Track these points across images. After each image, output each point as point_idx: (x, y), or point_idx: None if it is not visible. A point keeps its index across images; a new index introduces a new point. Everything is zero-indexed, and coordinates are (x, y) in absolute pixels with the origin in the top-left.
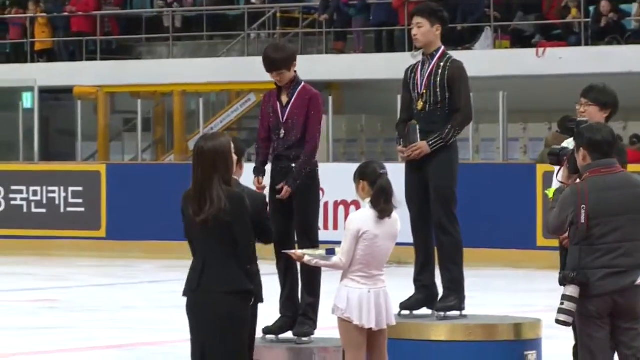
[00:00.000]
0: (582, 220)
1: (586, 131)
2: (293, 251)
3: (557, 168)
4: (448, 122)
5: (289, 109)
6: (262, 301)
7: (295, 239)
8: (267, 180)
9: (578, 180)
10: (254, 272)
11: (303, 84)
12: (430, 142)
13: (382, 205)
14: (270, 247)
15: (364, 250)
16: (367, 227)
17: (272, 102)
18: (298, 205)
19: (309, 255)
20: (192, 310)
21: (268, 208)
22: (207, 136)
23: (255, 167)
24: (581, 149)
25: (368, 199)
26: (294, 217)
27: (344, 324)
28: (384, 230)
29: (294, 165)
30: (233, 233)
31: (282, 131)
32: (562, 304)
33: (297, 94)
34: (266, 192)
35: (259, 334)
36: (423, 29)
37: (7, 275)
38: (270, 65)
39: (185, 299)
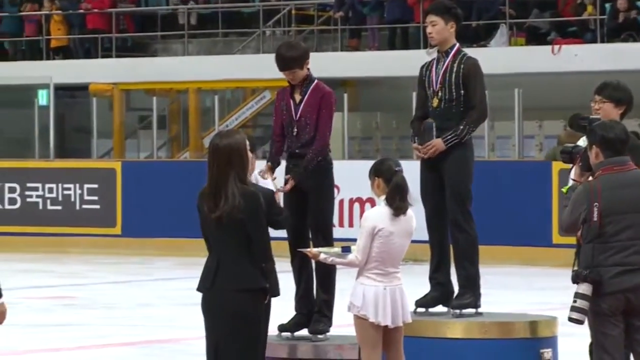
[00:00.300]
0: (595, 218)
1: (599, 129)
2: (308, 249)
3: (571, 166)
4: (463, 119)
5: (302, 107)
6: (278, 294)
7: (310, 236)
8: (281, 179)
9: (591, 178)
10: (270, 271)
11: (316, 81)
12: (445, 139)
13: (398, 202)
14: (285, 245)
15: (380, 248)
16: (383, 225)
17: (286, 99)
18: (313, 202)
19: (324, 254)
20: (207, 308)
21: (280, 202)
22: (222, 133)
23: (268, 158)
24: (594, 146)
25: (383, 196)
26: (309, 215)
27: (360, 321)
28: (400, 228)
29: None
30: (247, 231)
31: (295, 129)
32: (574, 301)
33: (310, 92)
34: (275, 183)
35: (274, 331)
36: (437, 27)
37: (23, 272)
38: (283, 64)
39: (200, 295)
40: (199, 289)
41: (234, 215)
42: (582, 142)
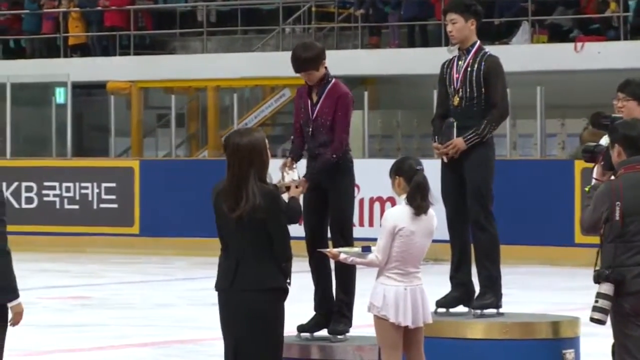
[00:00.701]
0: (617, 217)
1: (621, 127)
2: (328, 249)
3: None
4: (484, 118)
5: (318, 108)
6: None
7: (330, 236)
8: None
9: (613, 177)
10: (289, 269)
11: (334, 81)
12: (466, 139)
13: (419, 201)
14: (303, 245)
15: (400, 247)
16: (404, 224)
17: (304, 98)
18: (332, 201)
19: (344, 254)
20: (226, 308)
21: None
22: (242, 131)
23: (290, 150)
24: (616, 145)
25: (404, 195)
26: (329, 214)
27: (380, 321)
28: (421, 227)
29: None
30: (267, 230)
31: (311, 129)
32: (596, 301)
33: (326, 92)
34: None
35: (293, 331)
36: (458, 25)
37: (40, 272)
38: (298, 65)
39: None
40: (216, 288)
41: (255, 215)
42: (604, 140)
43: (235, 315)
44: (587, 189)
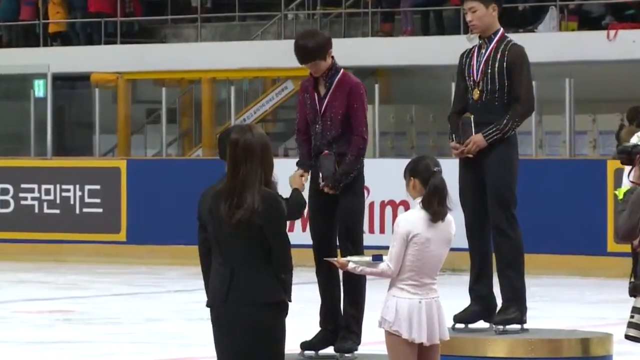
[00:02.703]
0: None
1: None
2: (336, 259)
3: (628, 167)
4: (506, 112)
5: (327, 101)
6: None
7: (337, 244)
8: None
9: None
10: (289, 282)
11: (342, 71)
12: (486, 135)
13: (435, 207)
14: (310, 254)
15: (415, 256)
16: (418, 230)
17: (309, 91)
18: (340, 206)
19: (353, 262)
20: (221, 324)
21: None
22: (246, 128)
23: (298, 161)
24: None
25: (419, 199)
26: (336, 220)
27: (392, 338)
28: (437, 234)
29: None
30: (266, 237)
31: (320, 124)
32: (632, 317)
33: (335, 83)
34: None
35: (296, 349)
36: (478, 13)
37: (16, 283)
38: (303, 56)
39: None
40: (209, 304)
41: (253, 221)
42: (638, 137)
43: (231, 333)
44: (619, 192)
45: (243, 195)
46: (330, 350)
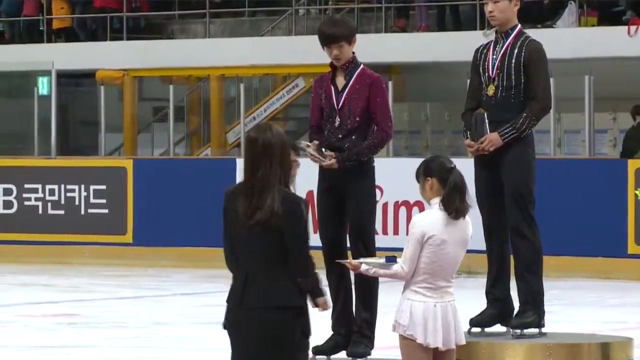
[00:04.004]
0: None
1: None
2: (348, 260)
3: None
4: (523, 110)
5: (346, 93)
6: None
7: (349, 245)
8: (313, 179)
9: None
10: (314, 284)
11: (362, 66)
12: (502, 133)
13: (458, 203)
14: (320, 257)
15: (430, 258)
16: (434, 231)
17: (325, 86)
18: (352, 206)
19: (366, 264)
20: (234, 329)
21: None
22: (264, 126)
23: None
24: None
25: (436, 199)
26: (347, 221)
27: (407, 342)
28: (454, 235)
29: (351, 146)
30: (283, 240)
31: (337, 119)
32: None
33: (355, 76)
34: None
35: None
36: (501, 5)
37: (20, 286)
38: (330, 37)
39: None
40: (227, 301)
41: (272, 223)
42: None
43: (245, 338)
44: (637, 192)
45: (263, 196)
46: (342, 354)
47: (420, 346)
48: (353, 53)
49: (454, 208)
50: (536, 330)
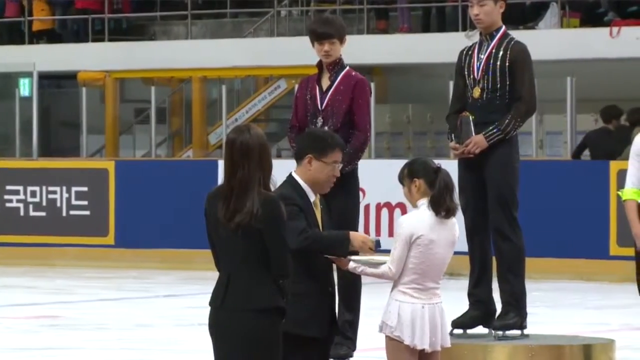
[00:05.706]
0: None
1: None
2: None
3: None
4: (508, 112)
5: (330, 94)
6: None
7: None
8: None
9: None
10: (287, 288)
11: (348, 68)
12: (487, 135)
13: (448, 203)
14: None
15: (418, 258)
16: (422, 231)
17: (311, 86)
18: (335, 208)
19: (354, 262)
20: (215, 330)
21: None
22: (243, 127)
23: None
24: None
25: (423, 200)
26: (331, 223)
27: (393, 343)
28: (442, 236)
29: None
30: (264, 242)
31: (320, 119)
32: None
33: (340, 78)
34: None
35: None
36: (487, 8)
37: (2, 288)
38: (321, 33)
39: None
40: (209, 303)
41: (252, 225)
42: None
43: (226, 339)
44: (620, 192)
45: (242, 198)
46: None
47: (406, 348)
48: (341, 54)
49: (445, 207)
50: (518, 331)
